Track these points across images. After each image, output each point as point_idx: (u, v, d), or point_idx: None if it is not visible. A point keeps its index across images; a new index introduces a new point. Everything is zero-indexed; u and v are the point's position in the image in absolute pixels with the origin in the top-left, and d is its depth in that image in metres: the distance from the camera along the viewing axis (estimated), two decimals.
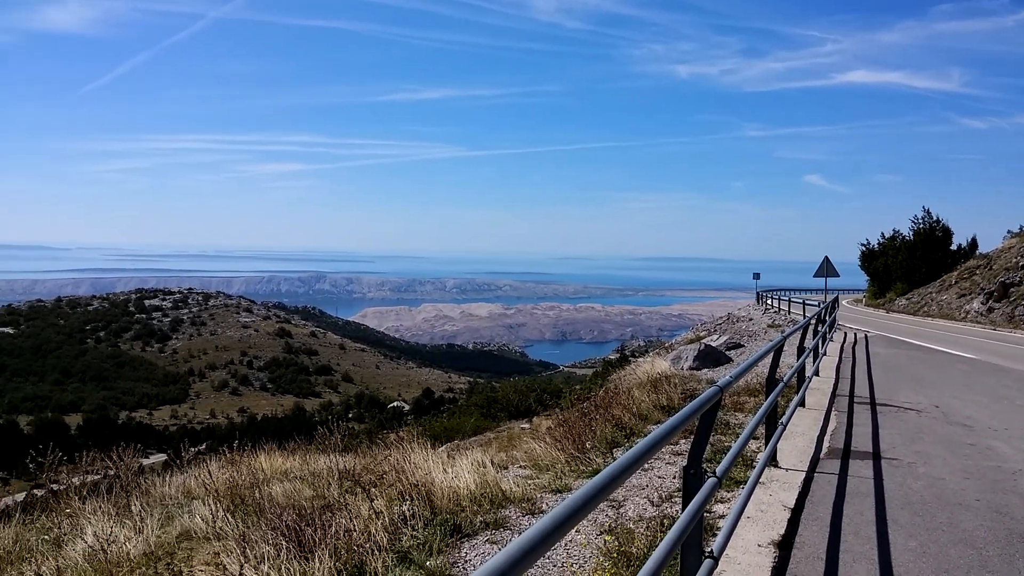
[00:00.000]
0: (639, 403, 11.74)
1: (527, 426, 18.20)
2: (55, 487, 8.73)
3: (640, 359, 29.71)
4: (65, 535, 7.14)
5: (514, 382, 37.65)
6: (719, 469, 4.46)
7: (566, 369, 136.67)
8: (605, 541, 5.45)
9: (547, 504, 7.04)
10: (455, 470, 7.47)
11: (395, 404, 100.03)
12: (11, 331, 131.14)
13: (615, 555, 5.14)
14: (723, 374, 11.80)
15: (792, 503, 6.56)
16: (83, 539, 6.50)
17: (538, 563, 5.26)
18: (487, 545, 5.96)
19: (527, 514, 6.78)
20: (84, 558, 6.14)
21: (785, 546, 5.47)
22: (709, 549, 4.15)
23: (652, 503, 6.86)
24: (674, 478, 7.71)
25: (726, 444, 8.77)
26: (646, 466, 8.11)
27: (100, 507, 7.60)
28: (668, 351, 26.99)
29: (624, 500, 7.01)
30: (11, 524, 7.73)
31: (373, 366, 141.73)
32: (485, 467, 7.87)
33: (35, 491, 11.27)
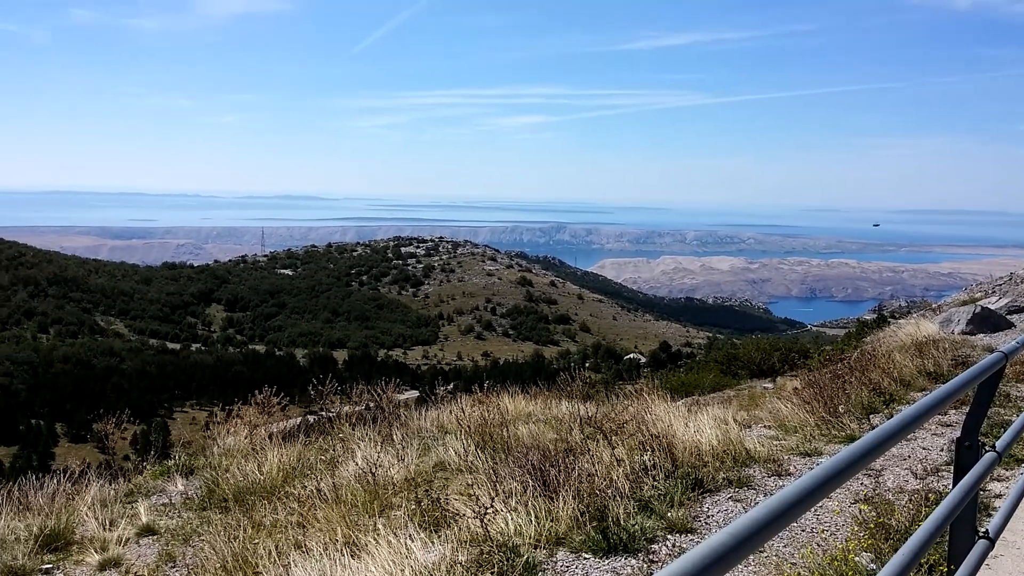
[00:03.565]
0: (901, 368, 10.85)
1: (770, 386, 17.52)
2: (328, 414, 9.77)
3: (902, 320, 27.40)
4: (339, 457, 7.98)
5: (757, 339, 36.29)
6: (999, 444, 4.02)
7: (814, 328, 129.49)
8: (860, 510, 5.14)
9: (795, 467, 6.77)
10: (696, 425, 7.37)
11: (631, 356, 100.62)
12: (290, 273, 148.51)
13: (872, 526, 4.84)
14: (1003, 340, 10.59)
15: None
16: (354, 462, 7.23)
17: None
18: (730, 502, 5.85)
19: (773, 475, 6.56)
20: (355, 478, 6.83)
21: None
22: (984, 529, 3.78)
23: (915, 475, 6.37)
24: (941, 450, 7.08)
25: (1005, 418, 7.88)
26: (908, 436, 7.51)
27: (367, 434, 8.39)
28: (935, 313, 24.60)
29: (882, 470, 6.56)
30: (296, 444, 8.76)
31: (610, 317, 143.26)
32: (727, 424, 7.69)
33: (308, 416, 12.68)
